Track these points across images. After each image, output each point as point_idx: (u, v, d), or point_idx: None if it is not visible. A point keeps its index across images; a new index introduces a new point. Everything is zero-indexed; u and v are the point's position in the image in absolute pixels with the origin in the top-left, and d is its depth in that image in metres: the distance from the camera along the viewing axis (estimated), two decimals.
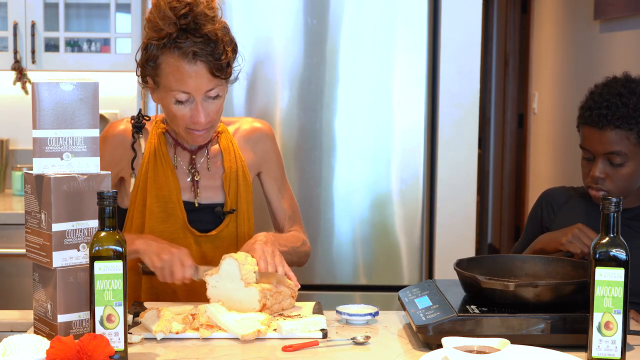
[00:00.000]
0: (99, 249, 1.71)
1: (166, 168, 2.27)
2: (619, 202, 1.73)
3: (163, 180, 2.26)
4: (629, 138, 2.22)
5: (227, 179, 2.30)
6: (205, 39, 2.09)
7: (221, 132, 2.34)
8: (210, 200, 2.30)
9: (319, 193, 3.31)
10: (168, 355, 1.79)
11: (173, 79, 2.11)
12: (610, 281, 1.72)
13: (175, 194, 2.26)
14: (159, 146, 2.28)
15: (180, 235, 2.26)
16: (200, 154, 2.31)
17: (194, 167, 2.29)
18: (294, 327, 1.91)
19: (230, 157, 2.31)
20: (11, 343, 1.64)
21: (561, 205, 2.43)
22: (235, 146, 2.33)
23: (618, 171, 2.24)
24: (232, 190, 2.30)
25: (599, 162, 2.25)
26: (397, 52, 3.29)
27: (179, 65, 2.10)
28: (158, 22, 2.10)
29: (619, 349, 1.72)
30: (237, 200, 2.31)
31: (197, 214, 2.28)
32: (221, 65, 2.11)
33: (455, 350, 1.68)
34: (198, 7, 2.10)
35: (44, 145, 1.84)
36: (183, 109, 2.15)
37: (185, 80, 2.10)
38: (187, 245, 2.24)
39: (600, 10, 4.01)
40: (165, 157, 2.27)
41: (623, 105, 2.21)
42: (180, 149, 2.30)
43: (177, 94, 2.12)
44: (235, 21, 3.28)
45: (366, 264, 3.34)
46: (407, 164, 3.31)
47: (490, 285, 1.87)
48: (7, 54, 3.68)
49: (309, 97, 3.30)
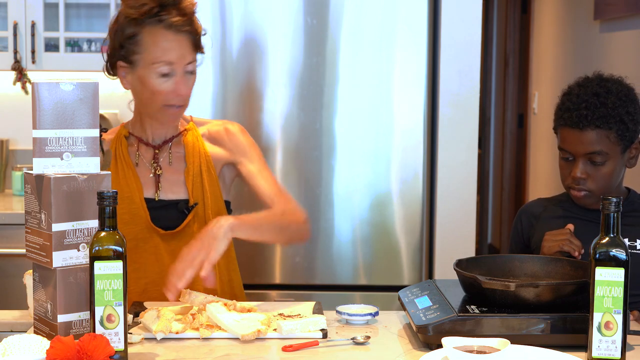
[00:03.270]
0: (99, 249, 1.71)
1: (127, 169, 2.29)
2: (619, 202, 1.73)
3: (124, 182, 2.28)
4: (609, 137, 2.23)
5: (189, 174, 2.30)
6: (184, 12, 2.20)
7: (188, 130, 2.35)
8: (174, 196, 2.30)
9: (319, 193, 3.31)
10: (168, 355, 1.79)
11: (157, 49, 2.19)
12: (610, 281, 1.72)
13: (137, 194, 2.27)
14: (120, 149, 2.31)
15: (146, 234, 2.27)
16: (164, 150, 2.32)
17: (156, 162, 2.30)
18: (294, 327, 1.91)
19: (194, 152, 2.32)
20: (11, 343, 1.64)
21: (538, 216, 2.44)
22: (200, 142, 2.33)
23: (599, 170, 2.26)
24: (196, 185, 2.30)
25: (579, 162, 2.26)
26: (397, 52, 3.29)
27: (163, 36, 2.19)
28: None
29: (619, 349, 1.72)
30: (202, 195, 2.30)
31: (161, 211, 2.28)
32: (199, 39, 2.24)
33: (455, 350, 1.68)
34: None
35: (44, 145, 1.84)
36: (164, 83, 2.20)
37: (170, 50, 2.19)
38: (154, 244, 2.25)
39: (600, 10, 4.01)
40: (125, 159, 2.29)
41: (602, 104, 2.23)
42: (143, 146, 2.32)
43: (160, 66, 2.19)
44: (235, 21, 3.28)
45: (366, 264, 3.34)
46: (407, 164, 3.31)
47: (490, 285, 1.87)
48: (7, 54, 3.68)
49: (309, 97, 3.30)
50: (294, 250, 3.33)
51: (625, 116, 2.23)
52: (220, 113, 3.27)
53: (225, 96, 3.30)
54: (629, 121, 2.24)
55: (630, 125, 2.24)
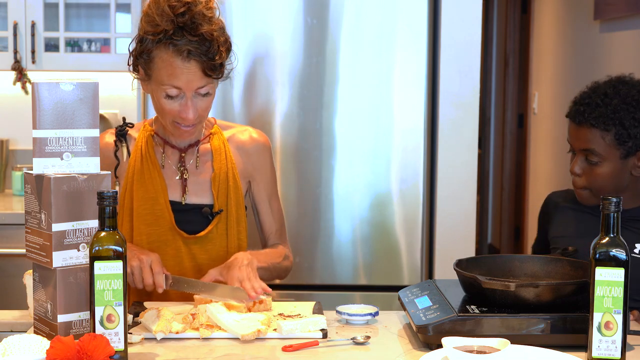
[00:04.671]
0: (99, 249, 1.71)
1: (152, 170, 2.27)
2: (619, 202, 1.73)
3: (149, 182, 2.26)
4: (605, 138, 2.21)
5: (215, 180, 2.29)
6: (201, 38, 2.09)
7: (214, 133, 2.33)
8: (198, 200, 2.29)
9: (319, 193, 3.31)
10: (168, 355, 1.79)
11: (165, 73, 2.12)
12: (610, 281, 1.72)
13: (162, 195, 2.26)
14: (145, 148, 2.28)
15: (169, 237, 2.26)
16: (190, 153, 2.30)
17: (183, 166, 2.29)
18: (294, 327, 1.91)
19: (221, 158, 2.30)
20: (11, 343, 1.64)
21: (555, 208, 2.44)
22: (227, 148, 2.32)
23: (593, 169, 2.24)
24: (222, 191, 2.29)
25: (577, 157, 2.27)
26: (397, 51, 3.29)
27: (172, 62, 2.10)
28: (155, 17, 2.10)
29: (619, 349, 1.72)
30: (227, 202, 2.29)
31: (184, 214, 2.27)
32: (214, 65, 2.12)
33: (455, 350, 1.68)
34: (197, 6, 2.11)
35: (44, 145, 1.84)
36: (172, 104, 2.16)
37: (178, 76, 2.11)
38: (176, 247, 2.24)
39: (600, 10, 4.01)
40: (151, 159, 2.27)
41: (603, 104, 2.21)
42: (169, 148, 2.30)
43: (168, 88, 2.13)
44: (235, 21, 3.28)
45: (366, 264, 3.34)
46: (407, 164, 3.31)
47: (490, 285, 1.87)
48: (7, 54, 3.68)
49: (309, 97, 3.30)
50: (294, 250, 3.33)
51: (628, 121, 2.18)
52: (221, 113, 3.27)
53: (225, 96, 3.29)
54: (632, 127, 2.19)
55: (633, 131, 2.19)
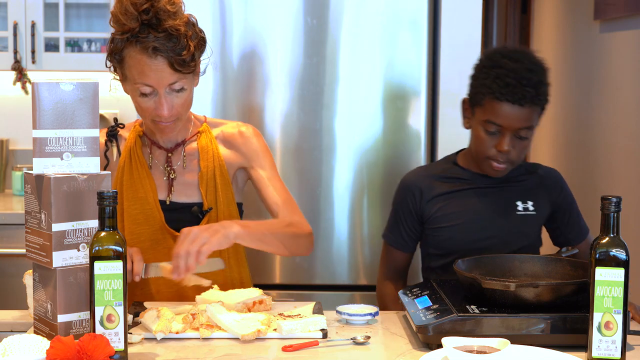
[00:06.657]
0: (99, 249, 1.71)
1: (141, 170, 2.28)
2: (619, 202, 1.73)
3: (139, 183, 2.27)
4: (537, 112, 2.31)
5: (203, 178, 2.29)
6: (167, 34, 2.10)
7: (202, 132, 2.33)
8: (187, 199, 2.29)
9: (319, 193, 3.31)
10: (168, 355, 1.79)
11: (135, 72, 2.14)
12: (610, 281, 1.72)
13: (151, 195, 2.26)
14: (134, 148, 2.29)
15: (159, 236, 2.26)
16: (177, 153, 2.31)
17: (170, 166, 2.29)
18: (294, 327, 1.91)
19: (208, 156, 2.30)
20: (11, 343, 1.64)
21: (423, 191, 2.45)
22: (214, 145, 2.32)
23: (521, 143, 2.31)
24: (210, 189, 2.29)
25: (507, 136, 2.29)
26: (397, 51, 3.29)
27: (140, 59, 2.12)
28: (120, 17, 2.12)
29: (619, 349, 1.72)
30: (216, 200, 2.29)
31: (175, 214, 2.28)
32: (183, 60, 2.12)
33: (455, 350, 1.68)
34: (159, 2, 2.12)
35: (44, 145, 1.84)
36: (147, 102, 2.17)
37: (147, 73, 2.12)
38: (168, 246, 2.24)
39: (600, 10, 4.01)
40: (140, 159, 2.28)
41: (539, 82, 2.29)
42: (156, 148, 2.31)
43: (140, 86, 2.15)
44: (234, 20, 3.28)
45: (366, 264, 3.34)
46: (407, 164, 3.30)
47: (490, 285, 1.87)
48: (7, 54, 3.68)
49: (309, 97, 3.30)
50: None
51: (548, 89, 2.32)
52: (221, 113, 3.27)
53: (225, 96, 3.29)
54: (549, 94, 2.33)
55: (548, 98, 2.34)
